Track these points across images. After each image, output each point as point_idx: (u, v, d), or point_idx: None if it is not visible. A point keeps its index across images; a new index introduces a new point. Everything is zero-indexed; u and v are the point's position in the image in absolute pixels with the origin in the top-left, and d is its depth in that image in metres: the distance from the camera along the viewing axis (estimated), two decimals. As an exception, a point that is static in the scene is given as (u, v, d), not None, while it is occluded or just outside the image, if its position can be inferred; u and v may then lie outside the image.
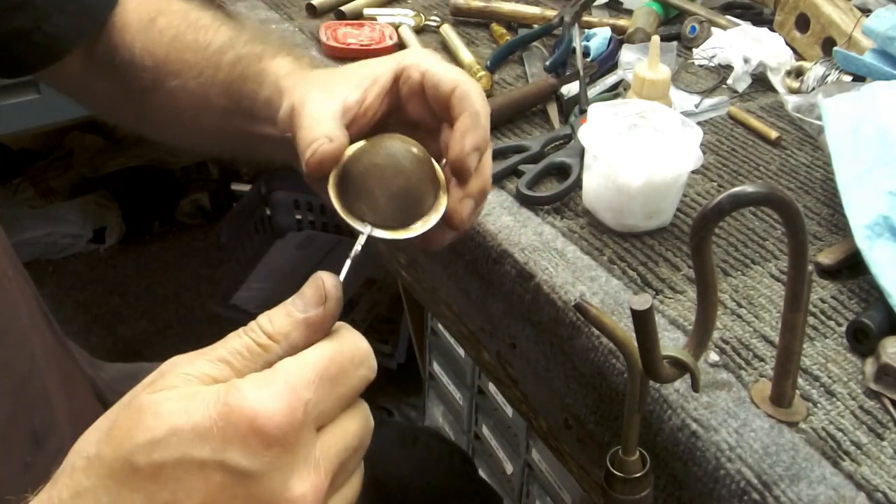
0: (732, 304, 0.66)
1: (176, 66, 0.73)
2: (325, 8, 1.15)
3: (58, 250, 2.26)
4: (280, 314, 0.42)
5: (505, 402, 1.36)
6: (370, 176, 0.54)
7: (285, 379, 0.39)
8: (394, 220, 0.55)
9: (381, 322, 1.93)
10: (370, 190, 0.54)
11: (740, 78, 0.98)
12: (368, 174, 0.54)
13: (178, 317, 2.07)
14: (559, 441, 0.71)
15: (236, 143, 0.73)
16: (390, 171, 0.54)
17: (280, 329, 0.41)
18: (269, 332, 0.41)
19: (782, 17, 1.05)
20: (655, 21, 1.09)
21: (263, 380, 0.38)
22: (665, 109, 0.76)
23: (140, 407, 0.38)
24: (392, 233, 0.55)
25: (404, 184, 0.54)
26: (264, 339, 0.41)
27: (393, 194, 0.54)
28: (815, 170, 0.84)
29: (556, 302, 0.66)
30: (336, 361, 0.41)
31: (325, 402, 0.40)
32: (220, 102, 0.70)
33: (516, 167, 0.81)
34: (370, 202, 0.54)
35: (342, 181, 0.55)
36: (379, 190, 0.54)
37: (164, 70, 0.73)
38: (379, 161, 0.55)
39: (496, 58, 1.01)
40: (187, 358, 0.41)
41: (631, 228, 0.73)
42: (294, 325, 0.41)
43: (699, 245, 0.50)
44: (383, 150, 0.55)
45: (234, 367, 0.40)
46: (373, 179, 0.54)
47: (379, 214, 0.54)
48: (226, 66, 0.69)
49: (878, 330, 0.60)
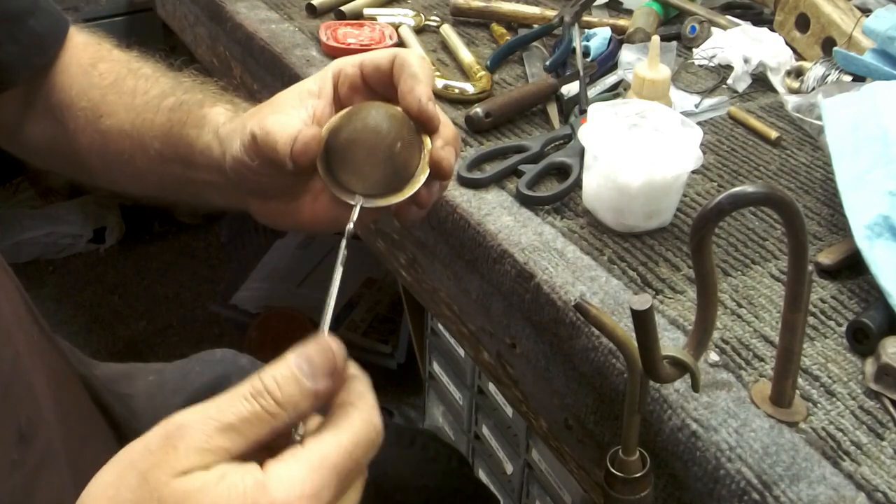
0: (732, 304, 0.66)
1: (112, 107, 0.72)
2: (325, 8, 1.15)
3: (58, 250, 2.25)
4: (289, 381, 0.41)
5: (505, 402, 1.36)
6: (353, 145, 0.54)
7: (311, 484, 0.40)
8: (384, 186, 0.54)
9: (381, 322, 1.93)
10: (356, 159, 0.53)
11: (740, 78, 0.98)
12: (351, 144, 0.54)
13: (178, 317, 2.07)
14: (559, 441, 0.71)
15: (173, 188, 0.72)
16: (372, 136, 0.53)
17: (289, 398, 0.41)
18: (279, 399, 0.41)
19: (782, 17, 1.05)
20: (655, 21, 1.09)
21: (291, 485, 0.39)
22: (665, 109, 0.76)
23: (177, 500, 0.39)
24: (384, 200, 0.54)
25: (389, 146, 0.54)
26: (273, 408, 0.41)
27: (379, 159, 0.53)
28: (815, 170, 0.84)
29: (556, 302, 0.66)
30: (354, 457, 0.42)
31: (340, 492, 0.42)
32: (156, 147, 0.69)
33: (516, 167, 0.81)
34: (358, 172, 0.53)
35: (327, 157, 0.55)
36: (364, 157, 0.53)
37: (99, 110, 0.73)
38: (360, 127, 0.54)
39: (496, 58, 1.01)
40: (195, 423, 0.40)
41: (631, 228, 0.73)
42: (303, 396, 0.42)
43: (699, 245, 0.50)
44: (361, 117, 0.55)
45: (244, 437, 0.40)
46: (357, 148, 0.54)
47: (369, 182, 0.53)
48: (165, 111, 0.69)
49: (877, 330, 0.60)
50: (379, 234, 0.92)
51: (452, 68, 1.02)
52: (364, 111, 0.55)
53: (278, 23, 1.13)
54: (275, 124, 0.57)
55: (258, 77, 1.13)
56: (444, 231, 0.78)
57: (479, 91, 0.94)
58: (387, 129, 0.54)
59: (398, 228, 0.87)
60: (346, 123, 0.55)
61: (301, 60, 1.03)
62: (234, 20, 1.16)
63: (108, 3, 1.61)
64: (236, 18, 1.16)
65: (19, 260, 2.19)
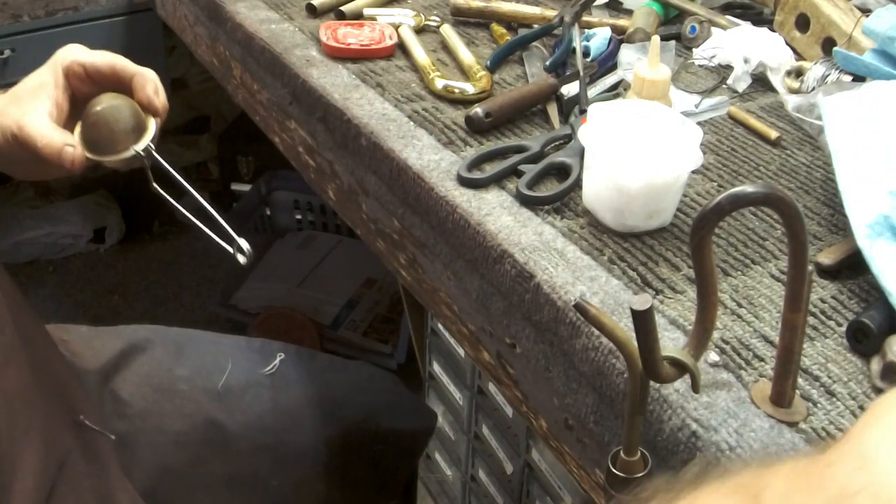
0: (732, 304, 0.66)
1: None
2: (325, 8, 1.15)
3: (58, 250, 2.25)
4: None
5: (505, 402, 1.36)
6: (98, 127, 0.76)
7: None
8: (127, 142, 0.77)
9: (381, 322, 1.93)
10: (103, 134, 0.76)
11: (740, 78, 0.98)
12: (105, 126, 0.76)
13: (178, 317, 2.06)
14: (559, 441, 0.71)
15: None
16: (110, 117, 0.76)
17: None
18: None
19: (782, 17, 1.05)
20: (655, 21, 1.09)
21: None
22: (665, 109, 0.76)
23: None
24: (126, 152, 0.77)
25: (126, 119, 0.77)
26: None
27: (119, 129, 0.76)
28: (815, 170, 0.84)
29: (556, 302, 0.66)
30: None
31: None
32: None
33: (516, 167, 0.81)
34: (108, 142, 0.76)
35: (86, 144, 0.76)
36: (107, 130, 0.76)
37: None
38: (100, 115, 0.76)
39: (496, 58, 1.01)
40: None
41: (631, 228, 0.73)
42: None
43: (699, 245, 0.50)
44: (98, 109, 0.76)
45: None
46: (101, 127, 0.76)
47: (119, 144, 0.76)
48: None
49: (878, 330, 0.60)
50: (379, 234, 0.92)
51: (452, 68, 1.02)
52: (104, 102, 0.77)
53: (278, 23, 1.13)
54: (31, 126, 0.73)
55: (258, 77, 1.13)
56: (444, 231, 0.78)
57: (479, 91, 0.94)
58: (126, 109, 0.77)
59: (398, 228, 0.87)
60: (94, 113, 0.76)
61: (301, 60, 1.03)
62: (234, 20, 1.16)
63: (108, 3, 1.61)
64: (236, 18, 1.15)
65: (19, 260, 2.19)
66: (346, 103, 0.93)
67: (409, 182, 0.82)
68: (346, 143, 0.93)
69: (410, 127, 0.89)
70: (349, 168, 0.94)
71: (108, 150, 0.77)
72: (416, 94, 0.96)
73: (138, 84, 0.79)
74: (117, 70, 0.79)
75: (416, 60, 1.01)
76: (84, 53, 0.79)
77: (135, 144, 0.77)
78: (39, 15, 1.55)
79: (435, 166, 0.82)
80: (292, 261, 2.06)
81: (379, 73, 1.00)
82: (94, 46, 0.80)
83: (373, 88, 0.97)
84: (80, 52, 0.79)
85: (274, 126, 1.13)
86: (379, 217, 0.91)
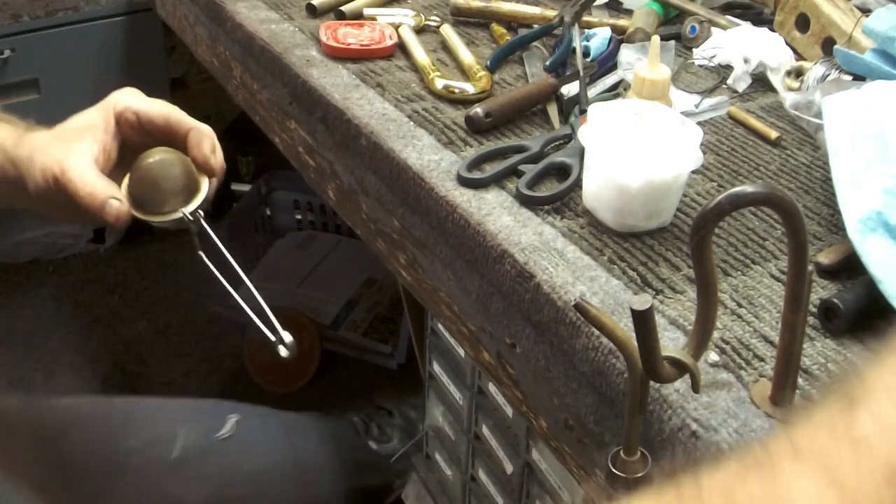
0: (732, 304, 0.66)
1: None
2: (325, 8, 1.15)
3: (58, 250, 2.25)
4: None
5: (505, 402, 1.36)
6: (146, 183, 0.70)
7: None
8: (176, 203, 0.71)
9: (381, 322, 1.93)
10: (150, 191, 0.71)
11: (740, 78, 0.98)
12: (154, 182, 0.70)
13: (178, 317, 2.06)
14: (559, 441, 0.71)
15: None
16: (160, 173, 0.70)
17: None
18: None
19: (782, 17, 1.05)
20: (655, 21, 1.09)
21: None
22: (665, 109, 0.76)
23: None
24: (190, 205, 0.72)
25: (176, 177, 0.71)
26: None
27: (169, 188, 0.70)
28: (815, 170, 0.84)
29: (556, 302, 0.66)
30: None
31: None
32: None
33: (516, 167, 0.81)
34: (155, 200, 0.71)
35: (132, 199, 0.71)
36: (156, 187, 0.70)
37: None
38: (149, 171, 0.70)
39: (496, 58, 1.01)
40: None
41: (631, 228, 0.73)
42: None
43: (699, 245, 0.50)
44: (149, 163, 0.71)
45: None
46: (149, 183, 0.70)
47: (167, 205, 0.71)
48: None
49: (847, 311, 0.62)
50: (379, 234, 0.92)
51: (452, 68, 1.02)
52: (150, 161, 0.71)
53: (278, 23, 1.13)
54: (74, 170, 0.68)
55: (258, 77, 1.13)
56: (444, 231, 0.78)
57: (479, 91, 0.94)
58: (178, 166, 0.72)
59: (398, 228, 0.87)
60: (139, 170, 0.71)
61: (301, 60, 1.03)
62: (234, 20, 1.16)
63: (108, 3, 1.61)
64: (236, 18, 1.15)
65: (19, 260, 2.18)
66: (346, 103, 0.93)
67: (409, 182, 0.82)
68: (346, 143, 0.93)
69: (410, 127, 0.89)
70: (349, 168, 0.94)
71: (155, 209, 0.71)
72: (416, 94, 0.96)
73: (194, 140, 0.72)
74: (172, 123, 0.73)
75: (416, 60, 1.01)
76: (139, 100, 0.73)
77: (184, 206, 0.71)
78: (39, 15, 1.54)
79: (435, 166, 0.82)
80: (292, 261, 2.06)
81: (379, 73, 1.00)
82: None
83: (373, 88, 0.97)
84: (135, 98, 0.74)
85: (274, 126, 1.13)
86: (379, 217, 0.91)
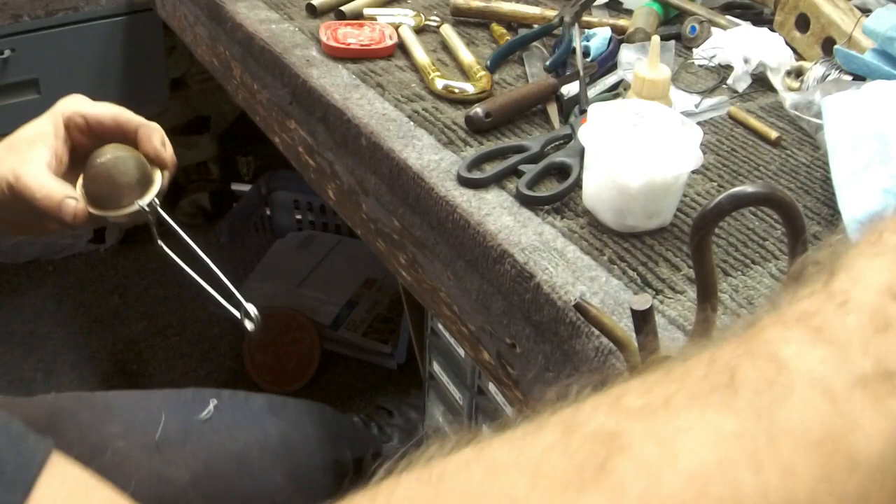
0: (732, 304, 0.66)
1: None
2: (325, 8, 1.15)
3: (58, 250, 2.25)
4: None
5: (505, 402, 1.36)
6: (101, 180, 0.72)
7: None
8: (132, 196, 0.74)
9: (381, 322, 1.93)
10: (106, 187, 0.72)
11: (740, 78, 0.98)
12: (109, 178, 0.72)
13: (178, 317, 2.06)
14: (559, 441, 0.71)
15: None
16: (114, 169, 0.72)
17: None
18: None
19: (782, 17, 1.05)
20: (655, 21, 1.09)
21: None
22: (665, 109, 0.76)
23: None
24: (130, 207, 0.74)
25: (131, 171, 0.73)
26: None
27: (124, 182, 0.73)
28: (815, 170, 0.84)
29: (556, 302, 0.66)
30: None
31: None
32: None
33: (516, 167, 0.81)
34: (111, 196, 0.73)
35: (88, 197, 0.73)
36: (111, 183, 0.72)
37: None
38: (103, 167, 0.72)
39: (496, 58, 1.01)
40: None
41: (631, 228, 0.73)
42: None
43: (699, 245, 0.50)
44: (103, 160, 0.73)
45: None
46: (104, 180, 0.72)
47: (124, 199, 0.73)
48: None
49: None
50: (379, 234, 0.92)
51: (452, 68, 1.02)
52: (108, 153, 0.73)
53: (278, 23, 1.13)
54: (28, 176, 0.70)
55: (258, 77, 1.13)
56: (444, 231, 0.78)
57: (479, 91, 0.94)
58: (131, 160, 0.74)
59: (398, 228, 0.87)
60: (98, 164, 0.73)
61: (301, 60, 1.03)
62: (234, 20, 1.16)
63: (107, 3, 1.60)
64: (236, 18, 1.15)
65: (19, 260, 2.18)
66: (346, 103, 0.93)
67: (409, 182, 0.82)
68: (346, 143, 0.93)
69: (410, 127, 0.89)
70: (349, 168, 0.94)
71: (112, 205, 0.73)
72: (416, 94, 0.96)
73: (144, 135, 0.75)
74: (121, 122, 0.75)
75: (416, 60, 1.01)
76: (86, 104, 0.76)
77: (140, 199, 0.73)
78: (39, 15, 1.54)
79: (435, 166, 0.82)
80: (292, 261, 2.06)
81: (379, 73, 1.00)
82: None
83: (373, 88, 0.97)
84: (82, 102, 0.76)
85: (274, 126, 1.13)
86: (379, 217, 0.91)
